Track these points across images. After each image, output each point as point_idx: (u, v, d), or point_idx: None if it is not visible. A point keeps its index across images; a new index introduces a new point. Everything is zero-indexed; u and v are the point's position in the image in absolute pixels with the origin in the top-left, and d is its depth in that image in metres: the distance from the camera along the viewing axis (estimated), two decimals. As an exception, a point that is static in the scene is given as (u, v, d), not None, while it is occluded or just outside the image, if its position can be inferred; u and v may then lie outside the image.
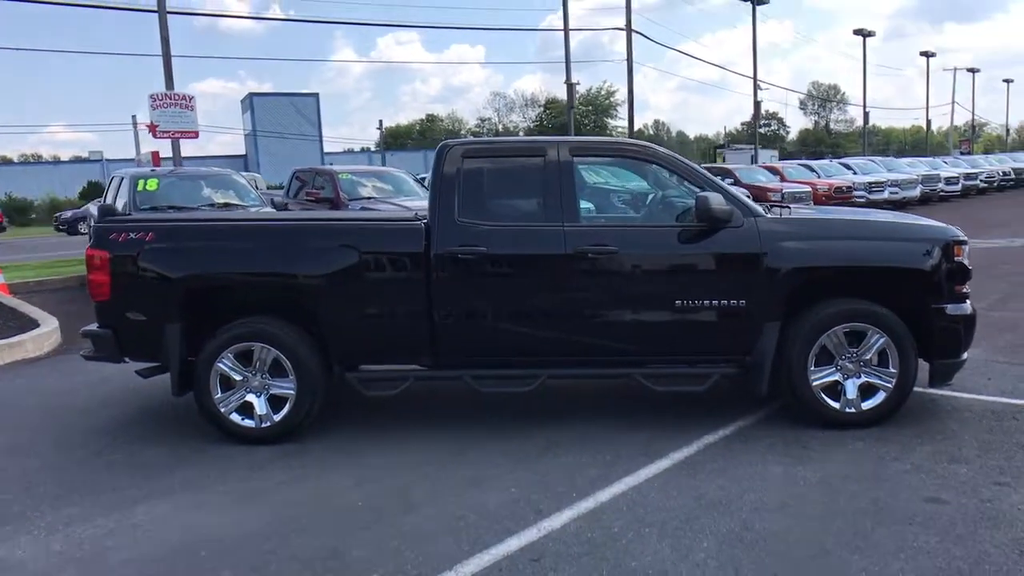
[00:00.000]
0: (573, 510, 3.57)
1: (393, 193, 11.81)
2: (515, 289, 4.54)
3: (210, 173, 10.41)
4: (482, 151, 4.70)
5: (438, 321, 4.51)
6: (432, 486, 3.93)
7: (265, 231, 4.76)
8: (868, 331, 4.40)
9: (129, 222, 4.93)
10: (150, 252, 4.58)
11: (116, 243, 4.61)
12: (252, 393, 4.63)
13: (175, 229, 4.79)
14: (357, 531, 3.47)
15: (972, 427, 4.44)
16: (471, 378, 4.61)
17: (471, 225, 4.50)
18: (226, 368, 4.59)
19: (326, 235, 4.63)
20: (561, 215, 4.50)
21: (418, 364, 4.68)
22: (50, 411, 5.54)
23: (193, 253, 4.60)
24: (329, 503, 3.80)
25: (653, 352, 4.60)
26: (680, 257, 4.49)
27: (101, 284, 4.63)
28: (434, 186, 4.60)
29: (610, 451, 4.28)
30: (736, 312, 4.44)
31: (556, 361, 4.63)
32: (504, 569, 3.07)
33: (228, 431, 4.64)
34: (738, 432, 4.52)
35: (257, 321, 4.60)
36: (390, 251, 4.56)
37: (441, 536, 3.37)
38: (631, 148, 4.79)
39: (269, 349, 4.54)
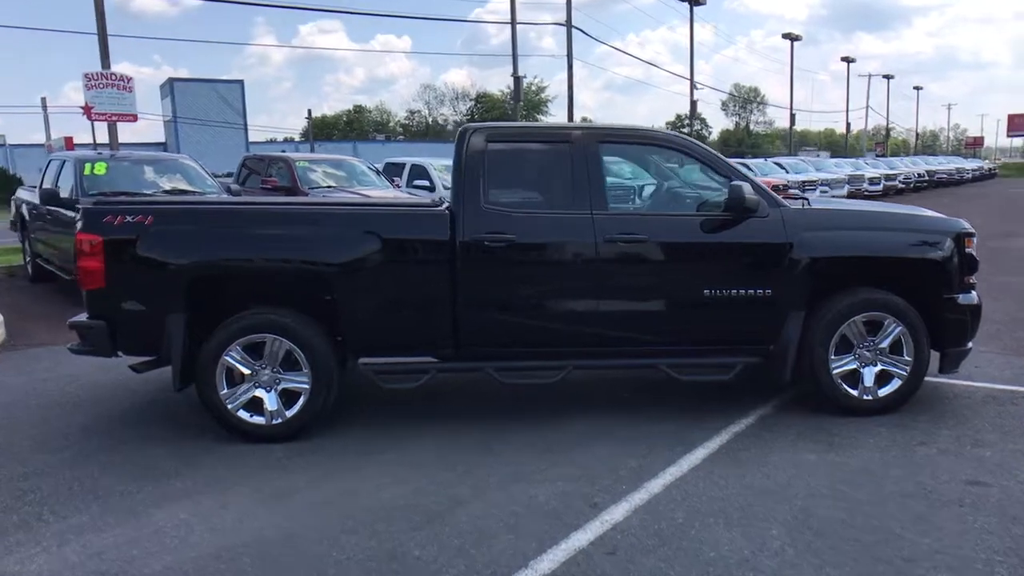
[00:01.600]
0: (628, 502, 3.50)
1: (351, 182, 11.49)
2: (543, 278, 4.43)
3: (162, 157, 9.83)
4: (507, 136, 4.56)
5: (462, 311, 4.36)
6: (473, 482, 3.78)
7: (281, 216, 4.48)
8: (885, 320, 4.51)
9: (124, 204, 4.55)
10: (151, 237, 4.24)
11: (110, 227, 4.24)
12: (261, 388, 4.36)
13: (180, 212, 4.46)
14: (410, 531, 3.30)
15: (981, 412, 4.62)
16: (494, 370, 4.47)
17: (498, 212, 4.36)
18: (234, 361, 4.30)
19: (347, 221, 4.40)
20: (590, 203, 4.42)
21: (437, 356, 4.51)
22: (18, 410, 5.08)
23: (201, 238, 4.29)
24: (365, 502, 3.60)
25: (680, 342, 4.57)
26: (709, 246, 4.47)
27: (93, 271, 4.26)
28: (458, 171, 4.43)
29: (642, 442, 4.23)
30: (762, 301, 4.46)
31: (581, 352, 4.54)
32: (581, 564, 2.97)
33: (235, 428, 4.35)
34: (761, 421, 4.55)
35: (269, 311, 4.33)
36: (414, 238, 4.37)
37: (502, 533, 3.24)
38: (658, 136, 4.75)
39: (282, 341, 4.29)
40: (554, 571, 2.93)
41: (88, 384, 5.61)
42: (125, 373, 4.87)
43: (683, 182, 4.81)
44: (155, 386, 5.37)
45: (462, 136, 4.49)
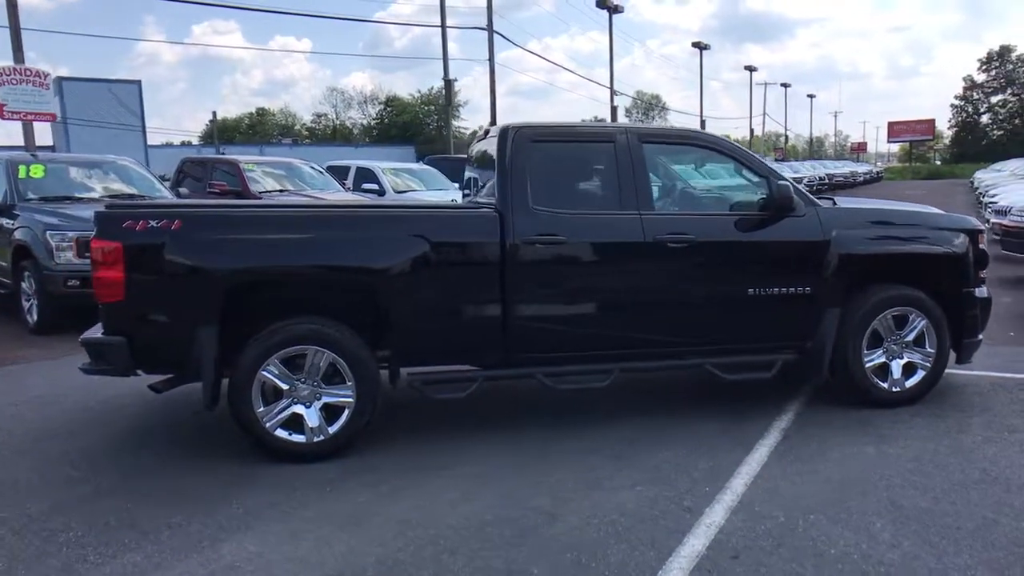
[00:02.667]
0: (721, 504, 3.47)
1: (303, 185, 11.04)
2: (594, 280, 4.35)
3: (103, 160, 9.08)
4: (550, 135, 4.45)
5: (512, 315, 4.22)
6: (550, 492, 3.65)
7: (325, 220, 4.20)
8: (911, 314, 4.68)
9: (145, 208, 4.15)
10: (181, 243, 3.88)
11: (131, 232, 3.85)
12: (300, 404, 4.07)
13: (214, 217, 4.12)
14: (512, 547, 3.14)
15: (997, 399, 4.88)
16: (544, 375, 4.36)
17: (547, 213, 4.25)
18: (272, 376, 4.00)
19: (395, 224, 4.17)
20: (637, 203, 4.38)
21: (485, 363, 4.35)
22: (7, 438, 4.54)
23: (239, 244, 3.96)
24: (448, 520, 3.40)
25: (724, 341, 4.60)
26: (752, 245, 4.52)
27: (112, 282, 3.85)
28: (502, 172, 4.29)
29: (700, 444, 4.22)
30: (802, 298, 4.55)
31: (629, 354, 4.48)
32: (711, 570, 2.91)
33: (273, 449, 4.04)
34: (800, 418, 4.63)
35: (311, 321, 4.04)
36: (464, 240, 4.20)
37: (611, 543, 3.14)
38: (698, 136, 4.75)
39: (325, 353, 4.02)
40: None
41: (70, 407, 5.11)
42: (101, 390, 4.44)
43: (725, 181, 4.82)
44: (137, 406, 4.95)
45: (504, 135, 4.35)
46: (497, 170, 4.32)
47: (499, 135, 4.39)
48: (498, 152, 4.34)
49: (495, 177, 4.34)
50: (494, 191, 4.40)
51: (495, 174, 4.35)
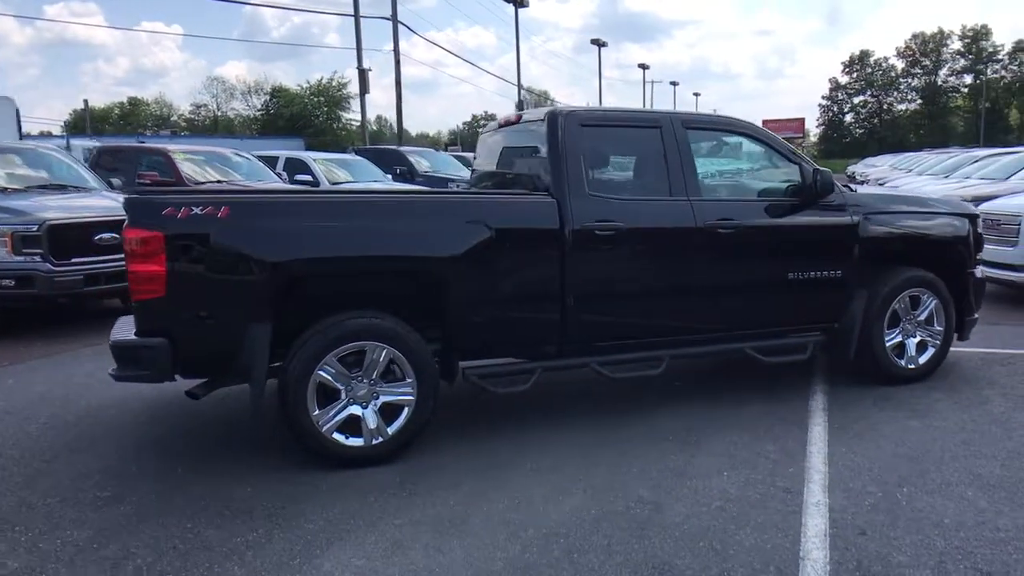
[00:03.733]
0: (815, 483, 3.52)
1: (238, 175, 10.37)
2: (649, 266, 4.31)
3: (26, 147, 8.16)
4: (598, 120, 4.35)
5: (570, 304, 4.10)
6: (640, 482, 3.58)
7: (382, 207, 3.91)
8: (923, 295, 4.95)
9: (185, 193, 3.71)
10: (230, 231, 3.51)
11: (173, 220, 3.45)
12: (356, 404, 3.79)
13: (266, 203, 3.73)
14: (638, 539, 3.05)
15: (997, 372, 5.23)
16: (598, 365, 4.27)
17: (602, 199, 4.16)
18: (328, 376, 3.70)
19: (456, 211, 3.95)
20: (685, 189, 4.37)
21: (541, 354, 4.21)
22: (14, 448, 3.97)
23: (292, 233, 3.62)
24: (555, 517, 3.26)
25: (765, 325, 4.68)
26: (792, 230, 4.61)
27: (151, 276, 3.43)
28: (556, 158, 4.15)
29: (754, 426, 4.27)
30: (834, 281, 4.70)
31: (678, 340, 4.47)
32: (850, 547, 2.94)
33: (330, 455, 3.75)
34: (830, 398, 4.77)
35: (368, 314, 3.77)
36: (524, 227, 4.04)
37: (732, 529, 3.11)
38: (736, 123, 4.79)
39: (385, 348, 3.76)
40: (833, 558, 2.86)
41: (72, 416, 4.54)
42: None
43: (760, 167, 4.88)
44: (152, 410, 4.52)
45: (554, 120, 4.22)
46: (550, 156, 4.18)
47: (548, 120, 4.25)
48: (549, 138, 4.20)
49: (547, 163, 4.20)
50: (540, 178, 4.27)
51: (546, 160, 4.21)
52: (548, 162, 4.19)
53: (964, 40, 77.06)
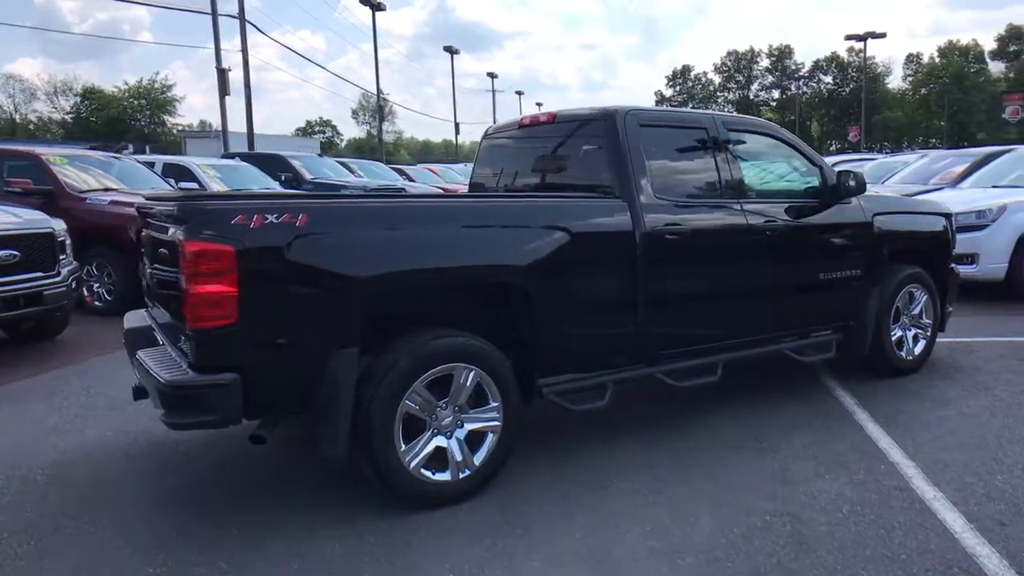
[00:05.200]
0: (915, 479, 3.57)
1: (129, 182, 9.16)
2: (709, 270, 4.20)
3: None
4: (654, 120, 4.17)
5: (640, 311, 3.91)
6: (752, 493, 3.46)
7: (467, 212, 3.50)
8: (917, 290, 5.25)
9: (256, 199, 3.08)
10: (310, 243, 2.97)
11: (245, 231, 2.87)
12: (441, 435, 3.37)
13: (345, 210, 3.19)
14: (808, 555, 2.91)
15: (972, 359, 5.65)
16: (662, 374, 4.11)
17: (667, 202, 4.01)
18: (415, 405, 3.26)
19: (533, 215, 3.60)
20: (734, 191, 4.33)
21: (610, 366, 3.97)
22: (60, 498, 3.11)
23: (378, 242, 3.14)
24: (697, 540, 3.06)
25: (801, 325, 4.74)
26: (824, 230, 4.70)
27: (221, 299, 2.83)
28: (621, 159, 3.94)
29: (808, 426, 4.31)
30: (855, 280, 4.86)
31: (731, 345, 4.41)
32: (1007, 540, 2.97)
33: (417, 494, 3.30)
34: (851, 391, 4.93)
35: (453, 333, 3.36)
36: (601, 232, 3.79)
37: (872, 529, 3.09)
38: (764, 124, 4.79)
39: (472, 370, 3.37)
40: (999, 551, 2.88)
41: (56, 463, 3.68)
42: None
43: (786, 169, 4.91)
44: (142, 454, 3.81)
45: (613, 118, 4.01)
46: (613, 157, 3.96)
47: (606, 119, 4.03)
48: (609, 137, 3.98)
49: (609, 164, 3.97)
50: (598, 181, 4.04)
51: (607, 161, 3.98)
52: (611, 163, 3.96)
53: (771, 58, 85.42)
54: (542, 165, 4.58)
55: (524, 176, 4.72)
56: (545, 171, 4.56)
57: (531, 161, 4.71)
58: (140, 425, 4.55)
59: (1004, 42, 72.93)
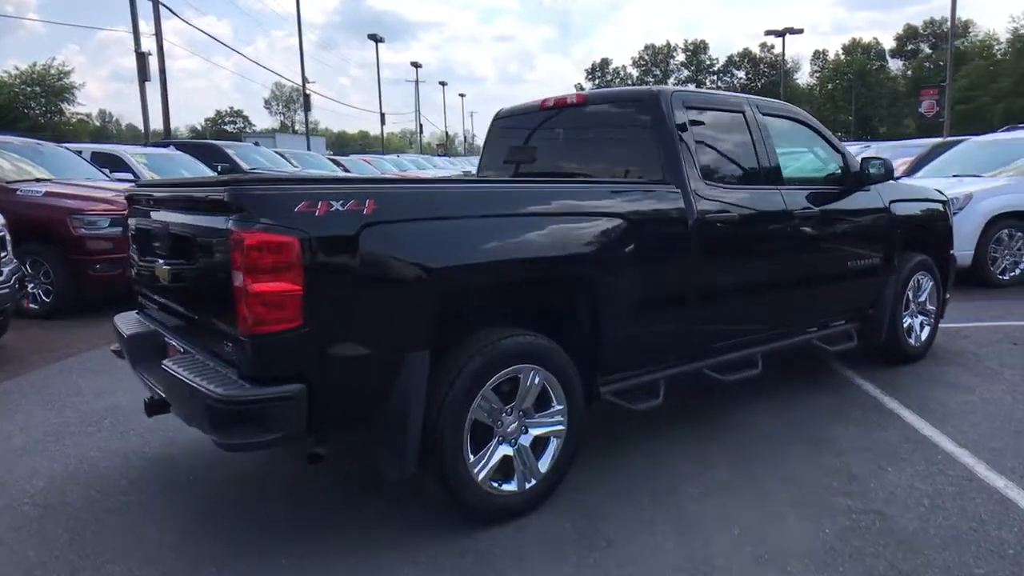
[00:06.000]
0: (979, 468, 3.53)
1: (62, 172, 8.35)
2: (755, 259, 4.05)
3: None
4: (696, 102, 3.96)
5: (694, 303, 3.72)
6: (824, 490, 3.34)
7: (535, 198, 3.16)
8: (924, 277, 5.29)
9: (315, 183, 2.66)
10: (380, 233, 2.62)
11: (310, 219, 2.49)
12: (506, 443, 3.08)
13: (415, 195, 2.82)
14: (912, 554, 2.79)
15: (969, 344, 5.75)
16: (708, 369, 3.94)
17: (715, 187, 3.83)
18: (483, 412, 2.96)
19: (599, 201, 3.33)
20: (773, 177, 4.20)
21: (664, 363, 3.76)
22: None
23: (452, 232, 2.81)
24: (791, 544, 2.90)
25: (830, 314, 4.66)
26: (852, 218, 4.63)
27: (285, 299, 2.45)
28: (669, 140, 3.73)
29: (846, 418, 4.24)
30: (876, 267, 4.83)
31: (769, 336, 4.28)
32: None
33: (485, 508, 3.01)
34: (872, 380, 4.91)
35: (521, 332, 3.07)
36: (659, 219, 3.56)
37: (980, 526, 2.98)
38: (792, 110, 4.65)
39: (539, 371, 3.10)
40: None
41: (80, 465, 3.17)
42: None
43: (812, 155, 4.80)
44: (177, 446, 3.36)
45: (656, 99, 3.79)
46: (661, 139, 3.74)
47: (650, 100, 3.81)
48: (656, 119, 3.76)
49: (657, 147, 3.75)
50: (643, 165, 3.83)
51: (654, 144, 3.76)
52: (660, 146, 3.74)
53: (686, 53, 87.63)
54: (571, 150, 4.32)
55: (546, 162, 4.44)
56: (575, 156, 4.30)
57: (554, 146, 4.44)
58: (128, 442, 4.06)
59: (902, 41, 77.36)
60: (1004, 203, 7.90)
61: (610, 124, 4.09)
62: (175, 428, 4.16)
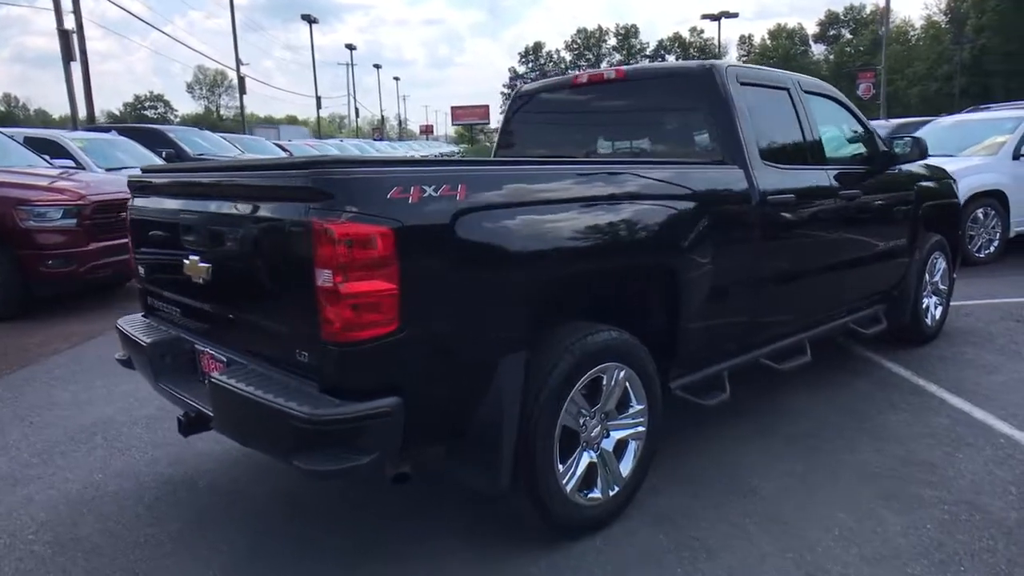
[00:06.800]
0: (1049, 450, 3.47)
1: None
2: (809, 241, 3.88)
3: None
4: (748, 78, 3.74)
5: (757, 290, 3.54)
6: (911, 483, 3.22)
7: (619, 180, 2.87)
8: (938, 258, 5.27)
9: (402, 165, 2.30)
10: (474, 220, 2.31)
11: (404, 208, 2.16)
12: (589, 449, 2.83)
13: (506, 178, 2.49)
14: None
15: (977, 322, 5.79)
16: (764, 358, 3.77)
17: (773, 168, 3.64)
18: (571, 416, 2.70)
19: (669, 184, 3.07)
20: (818, 156, 4.04)
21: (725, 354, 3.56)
22: None
23: (547, 218, 2.52)
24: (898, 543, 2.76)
25: (864, 296, 4.56)
26: (886, 197, 4.53)
27: (381, 300, 2.12)
28: (728, 118, 3.51)
29: (895, 406, 4.16)
30: (904, 248, 4.76)
31: (814, 322, 4.14)
32: None
33: (575, 522, 2.76)
34: (896, 361, 4.87)
35: (605, 328, 2.81)
36: (730, 201, 3.35)
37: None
38: (828, 88, 4.49)
39: (624, 370, 2.86)
40: None
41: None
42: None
43: (844, 134, 4.65)
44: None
45: (710, 74, 3.56)
46: (720, 117, 3.51)
47: (704, 74, 3.57)
48: (712, 96, 3.53)
49: (715, 125, 3.53)
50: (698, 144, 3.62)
51: (712, 122, 3.54)
52: (719, 123, 3.52)
53: (618, 37, 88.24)
54: (610, 130, 4.06)
55: (581, 144, 4.17)
56: (614, 137, 4.04)
57: (589, 126, 4.17)
58: (132, 460, 3.63)
59: (824, 27, 79.84)
60: (980, 182, 8.06)
61: (656, 101, 3.84)
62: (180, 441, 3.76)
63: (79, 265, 6.74)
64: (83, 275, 6.81)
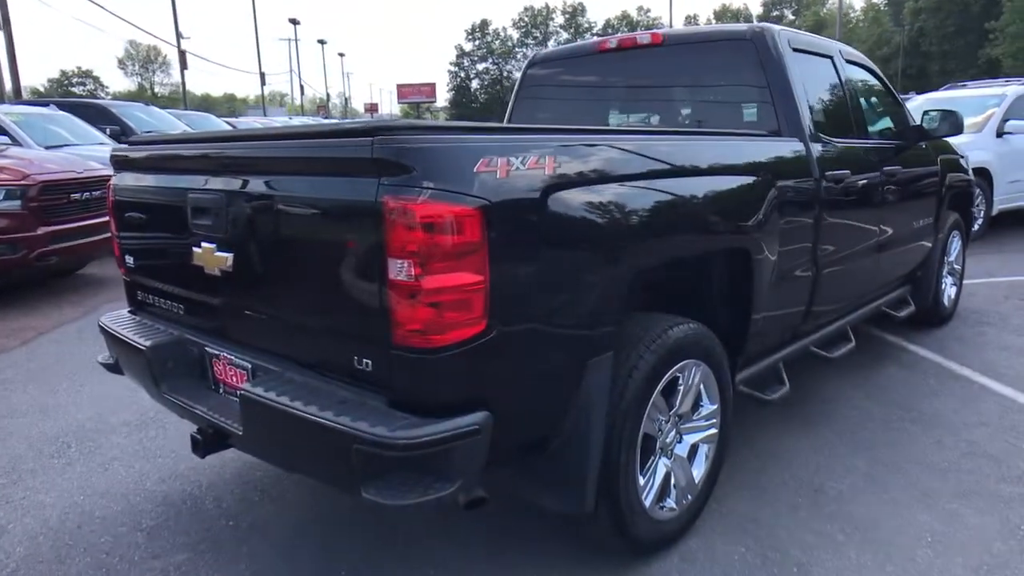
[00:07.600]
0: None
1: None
2: (859, 221, 3.62)
3: None
4: (800, 44, 3.44)
5: (817, 274, 3.27)
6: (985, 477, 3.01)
7: (700, 152, 2.53)
8: (955, 238, 5.12)
9: (485, 132, 1.89)
10: (565, 199, 1.95)
11: (493, 182, 1.79)
12: (664, 457, 2.53)
13: (602, 148, 2.12)
14: None
15: (983, 301, 5.69)
16: (813, 346, 3.53)
17: (829, 143, 3.37)
18: (652, 422, 2.39)
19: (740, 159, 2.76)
20: (861, 130, 3.80)
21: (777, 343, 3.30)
22: None
23: (638, 197, 2.17)
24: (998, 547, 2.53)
25: (897, 277, 4.36)
26: (919, 173, 4.32)
27: (469, 295, 1.74)
28: (784, 87, 3.20)
29: (937, 390, 3.98)
30: (930, 228, 4.58)
31: (856, 305, 3.92)
32: None
33: (652, 537, 2.46)
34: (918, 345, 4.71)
35: (682, 320, 2.49)
36: (796, 176, 3.06)
37: None
38: (863, 58, 4.21)
39: (701, 368, 2.55)
40: None
41: None
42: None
43: (874, 108, 4.40)
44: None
45: (763, 37, 3.25)
46: (776, 86, 3.21)
47: (755, 39, 3.26)
48: (766, 63, 3.22)
49: (769, 95, 3.22)
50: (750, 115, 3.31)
51: (765, 91, 3.23)
52: (773, 93, 3.21)
53: (565, 15, 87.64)
54: (645, 100, 3.72)
55: (604, 117, 3.83)
56: (651, 108, 3.70)
57: (620, 96, 3.82)
58: (116, 477, 3.17)
59: (768, 7, 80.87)
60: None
61: (698, 69, 3.52)
62: (169, 452, 3.35)
63: (28, 252, 6.10)
64: (32, 263, 6.16)
